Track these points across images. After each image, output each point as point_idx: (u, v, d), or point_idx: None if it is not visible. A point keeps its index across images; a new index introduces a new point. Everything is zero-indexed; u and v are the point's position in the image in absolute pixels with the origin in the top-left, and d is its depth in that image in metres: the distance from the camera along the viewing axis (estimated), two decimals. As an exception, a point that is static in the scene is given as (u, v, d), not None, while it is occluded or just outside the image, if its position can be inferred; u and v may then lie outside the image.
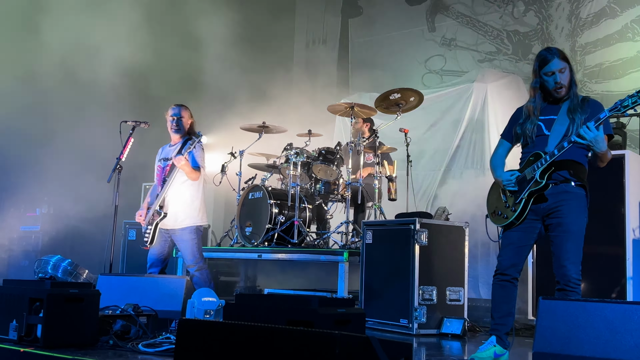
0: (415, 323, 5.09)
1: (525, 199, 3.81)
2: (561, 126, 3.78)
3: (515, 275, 3.89)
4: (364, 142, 6.77)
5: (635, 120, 7.45)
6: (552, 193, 3.79)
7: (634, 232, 5.11)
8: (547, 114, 3.89)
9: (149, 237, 5.65)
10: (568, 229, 3.76)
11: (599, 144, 3.58)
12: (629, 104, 3.44)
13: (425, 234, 5.23)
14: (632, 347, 2.93)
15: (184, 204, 5.64)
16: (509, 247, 3.90)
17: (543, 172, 3.75)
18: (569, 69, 3.83)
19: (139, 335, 4.07)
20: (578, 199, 3.80)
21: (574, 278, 3.72)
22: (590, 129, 3.54)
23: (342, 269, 5.72)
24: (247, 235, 6.90)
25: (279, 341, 2.35)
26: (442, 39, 10.11)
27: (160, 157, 5.93)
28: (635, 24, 8.32)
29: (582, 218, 3.81)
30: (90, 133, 8.05)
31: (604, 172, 5.16)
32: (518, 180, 3.87)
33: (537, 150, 3.83)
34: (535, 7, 9.26)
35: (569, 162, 3.78)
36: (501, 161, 4.09)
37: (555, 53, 3.82)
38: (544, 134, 3.85)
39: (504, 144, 4.12)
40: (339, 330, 2.35)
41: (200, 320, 2.72)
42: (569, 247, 3.75)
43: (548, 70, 3.81)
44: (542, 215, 3.84)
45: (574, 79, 3.87)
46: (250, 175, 7.49)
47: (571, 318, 3.21)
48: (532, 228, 3.86)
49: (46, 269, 6.69)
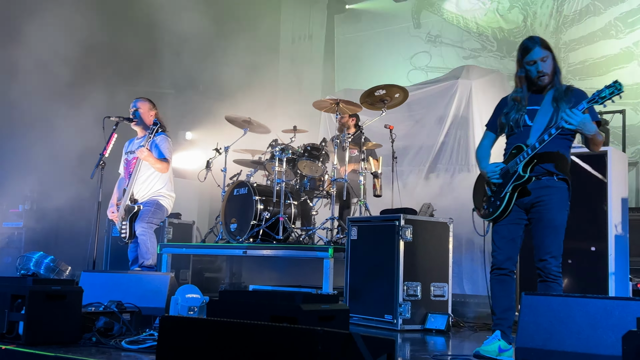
0: (400, 319, 5.10)
1: (510, 192, 3.81)
2: (544, 117, 3.79)
3: (512, 269, 3.92)
4: (349, 137, 6.77)
5: (618, 117, 7.52)
6: (535, 187, 3.80)
7: (616, 228, 5.15)
8: (530, 104, 3.90)
9: (126, 232, 5.70)
10: (549, 224, 3.78)
11: (586, 126, 3.59)
12: (606, 95, 3.48)
13: (410, 230, 5.24)
14: (613, 342, 2.96)
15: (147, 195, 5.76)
16: (501, 241, 3.91)
17: (526, 165, 3.76)
18: (551, 57, 3.83)
19: (122, 332, 4.05)
20: (560, 193, 3.81)
21: (554, 271, 3.75)
22: (577, 113, 3.55)
23: (327, 265, 5.72)
24: (232, 232, 6.88)
25: (261, 337, 2.34)
26: (428, 36, 10.13)
27: (127, 151, 6.02)
28: (618, 22, 8.39)
29: (564, 212, 3.83)
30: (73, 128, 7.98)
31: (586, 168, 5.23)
32: (502, 173, 3.88)
33: (519, 142, 3.83)
34: (520, 5, 9.30)
35: (552, 154, 3.79)
36: (486, 152, 4.10)
37: (537, 42, 3.83)
38: (527, 124, 3.86)
39: (489, 135, 4.14)
40: (323, 326, 2.35)
41: (182, 317, 2.71)
42: (550, 241, 3.77)
43: (530, 59, 3.83)
44: (525, 208, 3.86)
45: (558, 68, 3.88)
46: (235, 171, 7.46)
47: (553, 313, 3.24)
48: (520, 220, 3.88)
49: (28, 265, 6.65)
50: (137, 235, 5.69)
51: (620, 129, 7.59)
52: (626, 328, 2.62)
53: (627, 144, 7.59)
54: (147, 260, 5.67)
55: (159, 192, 5.88)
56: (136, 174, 5.75)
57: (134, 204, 5.73)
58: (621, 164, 5.49)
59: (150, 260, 5.69)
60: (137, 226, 5.69)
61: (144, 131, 5.90)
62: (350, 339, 2.21)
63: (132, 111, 5.94)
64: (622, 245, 5.25)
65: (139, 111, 5.93)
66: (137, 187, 5.81)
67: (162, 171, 5.83)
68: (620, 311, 3.04)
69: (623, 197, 5.37)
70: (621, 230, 5.21)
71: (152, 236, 5.75)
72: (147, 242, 5.68)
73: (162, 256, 7.02)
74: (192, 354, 2.51)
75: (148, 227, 5.72)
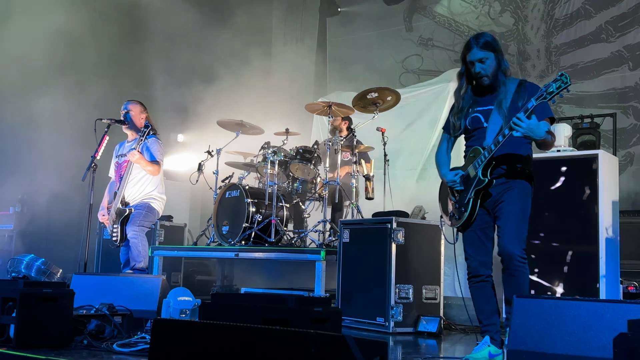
0: (392, 321, 5.10)
1: (473, 198, 3.73)
2: (498, 117, 3.67)
3: (488, 273, 3.84)
4: (341, 140, 6.77)
5: (609, 121, 7.56)
6: (495, 186, 3.72)
7: (607, 231, 5.17)
8: (485, 105, 3.79)
9: (117, 236, 5.69)
10: (508, 210, 3.68)
11: (533, 132, 3.46)
12: (554, 89, 3.34)
13: (402, 232, 5.25)
14: (604, 344, 2.97)
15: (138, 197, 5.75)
16: (472, 248, 3.84)
17: (484, 168, 3.67)
18: (493, 57, 3.71)
19: (114, 335, 4.03)
20: (520, 188, 3.72)
21: (517, 256, 3.64)
22: (522, 120, 3.42)
23: (319, 267, 5.72)
24: (224, 234, 6.87)
25: (254, 340, 2.34)
26: (420, 39, 10.16)
27: (117, 154, 6.03)
28: (609, 25, 8.44)
29: (525, 201, 3.73)
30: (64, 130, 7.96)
31: (577, 171, 5.25)
32: (463, 179, 3.80)
33: (476, 144, 3.76)
34: (511, 8, 9.34)
35: (510, 155, 3.70)
36: (445, 157, 4.01)
37: (478, 43, 3.70)
38: (482, 126, 3.77)
39: (445, 137, 4.04)
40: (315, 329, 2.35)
41: (174, 320, 2.70)
42: (509, 227, 3.67)
43: (469, 60, 3.75)
44: (490, 209, 3.79)
45: (503, 67, 3.73)
46: (227, 173, 7.45)
47: (545, 316, 3.25)
48: (486, 223, 3.80)
49: (19, 268, 6.61)
50: (128, 239, 5.68)
51: (611, 132, 7.63)
52: (617, 330, 2.63)
53: (617, 147, 7.63)
54: (139, 263, 5.66)
55: (150, 195, 5.87)
56: (127, 177, 5.74)
57: (125, 207, 5.72)
58: (612, 167, 5.52)
59: (142, 263, 5.68)
60: (128, 229, 5.68)
61: (135, 134, 5.89)
62: (343, 342, 2.21)
63: (124, 113, 5.93)
64: (613, 248, 5.28)
65: (130, 113, 5.92)
66: (128, 190, 5.80)
67: (154, 174, 5.82)
68: (612, 314, 3.05)
69: (614, 200, 5.40)
70: (612, 233, 5.24)
71: (143, 239, 5.74)
72: (138, 245, 5.67)
73: (153, 259, 7.00)
74: (184, 356, 2.51)
75: (139, 230, 5.71)
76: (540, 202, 5.34)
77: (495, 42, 3.75)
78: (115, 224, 5.71)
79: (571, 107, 8.51)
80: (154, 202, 5.88)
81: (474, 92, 3.86)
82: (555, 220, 5.28)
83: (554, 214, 5.29)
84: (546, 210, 5.32)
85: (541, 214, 5.33)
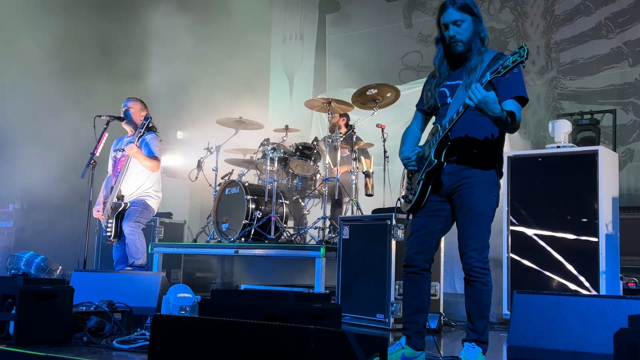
0: (392, 317, 5.10)
1: (424, 180, 3.36)
2: (464, 92, 3.22)
3: (423, 266, 3.45)
4: (340, 137, 6.77)
5: (609, 117, 7.55)
6: (451, 172, 3.35)
7: (607, 227, 5.17)
8: (453, 79, 3.41)
9: (112, 231, 5.69)
10: (471, 210, 3.29)
11: (488, 105, 3.02)
12: (510, 63, 2.96)
13: (402, 229, 5.24)
14: (604, 340, 2.97)
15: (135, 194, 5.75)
16: (413, 235, 3.47)
17: (438, 149, 3.30)
18: (471, 21, 3.30)
19: (114, 331, 4.04)
20: (481, 177, 3.32)
21: (476, 267, 3.28)
22: (479, 90, 3.01)
23: (319, 264, 5.71)
24: (224, 231, 6.86)
25: (254, 336, 2.33)
26: (419, 35, 10.14)
27: (115, 148, 6.03)
28: (609, 22, 8.42)
29: (488, 198, 3.32)
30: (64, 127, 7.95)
31: (577, 167, 5.25)
32: (418, 158, 3.43)
33: (438, 122, 3.41)
34: (511, 4, 9.33)
35: (468, 138, 3.32)
36: (411, 136, 3.62)
37: (455, 3, 3.29)
38: (447, 102, 3.39)
39: (417, 116, 3.67)
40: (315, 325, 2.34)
41: (174, 316, 2.70)
42: (470, 231, 3.30)
43: (443, 22, 3.33)
44: (447, 195, 3.40)
45: (481, 34, 3.33)
46: (226, 170, 7.45)
47: (545, 312, 3.25)
48: (438, 211, 3.42)
49: (19, 265, 6.62)
50: (125, 235, 5.67)
51: (610, 128, 7.62)
52: (617, 326, 2.63)
53: (617, 144, 7.63)
54: (138, 259, 5.65)
55: (147, 192, 5.86)
56: (125, 171, 5.73)
57: (120, 202, 5.70)
58: (612, 163, 5.52)
59: (140, 259, 5.67)
60: (124, 226, 5.66)
61: (135, 131, 5.89)
62: (343, 337, 2.21)
63: (123, 110, 5.94)
64: (613, 244, 5.28)
65: (130, 110, 5.93)
66: (125, 185, 5.79)
67: (152, 169, 5.82)
68: (612, 309, 3.06)
69: (614, 196, 5.40)
70: (612, 229, 5.24)
71: (140, 235, 5.72)
72: (136, 242, 5.65)
73: (153, 256, 7.00)
74: (184, 353, 2.50)
75: (136, 227, 5.70)
76: (540, 198, 5.36)
77: (475, 5, 3.34)
78: (110, 219, 5.70)
79: (571, 103, 8.51)
80: (149, 199, 5.87)
81: (449, 64, 3.45)
82: (555, 216, 5.28)
83: (553, 210, 5.29)
84: (546, 206, 5.32)
85: (541, 210, 5.34)
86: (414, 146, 3.55)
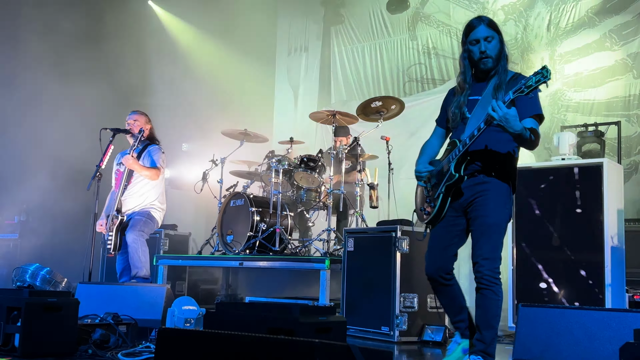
0: (397, 330, 5.08)
1: (444, 193, 3.49)
2: (483, 109, 3.36)
3: (443, 276, 3.58)
4: (345, 149, 6.78)
5: (614, 129, 7.54)
6: (468, 185, 3.47)
7: (613, 239, 5.16)
8: (472, 94, 3.54)
9: (112, 244, 5.70)
10: (483, 221, 3.41)
11: (509, 122, 3.15)
12: (533, 83, 3.07)
13: (407, 241, 5.24)
14: (610, 353, 2.96)
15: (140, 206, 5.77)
16: (431, 250, 3.63)
17: (458, 163, 3.43)
18: (498, 39, 3.46)
19: (119, 344, 4.04)
20: (496, 190, 3.44)
21: (487, 275, 3.38)
22: (500, 107, 3.14)
23: (324, 276, 5.71)
24: (229, 243, 6.87)
25: (259, 350, 2.34)
26: (423, 48, 10.17)
27: (118, 162, 6.06)
28: (613, 34, 8.43)
29: (501, 210, 3.44)
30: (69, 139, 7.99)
31: (582, 180, 5.25)
32: (437, 172, 3.57)
33: (455, 137, 3.54)
34: (515, 16, 9.35)
35: (488, 152, 3.43)
36: (430, 150, 3.75)
37: (483, 20, 3.46)
38: (466, 117, 3.51)
39: (437, 131, 3.79)
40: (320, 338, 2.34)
41: (179, 329, 2.70)
42: (483, 241, 3.41)
43: (473, 37, 3.46)
44: (462, 211, 3.53)
45: (505, 53, 3.49)
46: (231, 182, 7.46)
47: (550, 325, 3.24)
48: (454, 225, 3.56)
49: (24, 277, 6.62)
50: (128, 244, 5.67)
51: (615, 140, 7.62)
52: (623, 340, 2.62)
53: (622, 156, 7.62)
54: (141, 270, 5.64)
55: (152, 204, 5.90)
56: (124, 183, 5.77)
57: (118, 214, 5.73)
58: (617, 175, 5.51)
59: (143, 270, 5.66)
60: (128, 235, 5.68)
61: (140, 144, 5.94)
62: (348, 351, 2.21)
63: (128, 123, 5.98)
64: (619, 256, 5.26)
65: (136, 124, 5.97)
66: (130, 198, 5.82)
67: (151, 178, 5.84)
68: (618, 323, 3.05)
69: (619, 208, 5.39)
70: (617, 241, 5.22)
71: (143, 245, 5.72)
72: (138, 251, 5.65)
73: (158, 268, 7.01)
74: (189, 366, 2.51)
75: (139, 236, 5.71)
76: (545, 211, 5.35)
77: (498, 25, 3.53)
78: (110, 232, 5.72)
79: (575, 115, 8.50)
80: (154, 211, 5.90)
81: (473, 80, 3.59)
82: (560, 228, 5.27)
83: (558, 222, 5.29)
84: (551, 219, 5.31)
85: (546, 223, 5.33)
86: (430, 159, 3.71)
